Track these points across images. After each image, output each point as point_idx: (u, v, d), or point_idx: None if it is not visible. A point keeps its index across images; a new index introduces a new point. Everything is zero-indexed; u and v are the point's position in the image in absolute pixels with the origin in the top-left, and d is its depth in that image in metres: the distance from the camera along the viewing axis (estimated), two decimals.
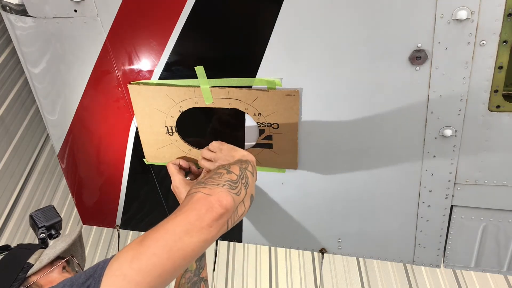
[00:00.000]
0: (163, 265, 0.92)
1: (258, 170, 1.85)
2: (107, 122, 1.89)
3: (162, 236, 0.96)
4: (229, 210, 1.07)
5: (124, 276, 0.89)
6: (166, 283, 0.95)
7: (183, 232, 0.97)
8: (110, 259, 0.94)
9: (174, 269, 0.94)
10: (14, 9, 1.64)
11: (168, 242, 0.95)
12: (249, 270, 4.09)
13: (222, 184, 1.14)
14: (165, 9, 1.51)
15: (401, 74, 1.47)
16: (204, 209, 1.03)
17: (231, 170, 1.25)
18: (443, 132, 1.55)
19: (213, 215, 1.02)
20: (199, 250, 1.00)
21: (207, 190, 1.09)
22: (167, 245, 0.94)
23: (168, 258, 0.93)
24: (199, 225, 0.99)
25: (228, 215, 1.08)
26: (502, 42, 1.35)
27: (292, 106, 1.62)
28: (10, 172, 2.61)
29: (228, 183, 1.16)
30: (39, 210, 1.37)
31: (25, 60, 1.78)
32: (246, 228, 2.08)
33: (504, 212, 1.70)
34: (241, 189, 1.19)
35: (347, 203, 1.86)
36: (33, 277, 1.19)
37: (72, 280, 0.92)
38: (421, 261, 1.92)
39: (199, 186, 1.13)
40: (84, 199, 2.25)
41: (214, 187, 1.11)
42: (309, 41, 1.49)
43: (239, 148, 1.49)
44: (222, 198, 1.07)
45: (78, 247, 1.41)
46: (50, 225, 1.36)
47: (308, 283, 3.99)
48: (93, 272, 0.91)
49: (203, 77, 1.62)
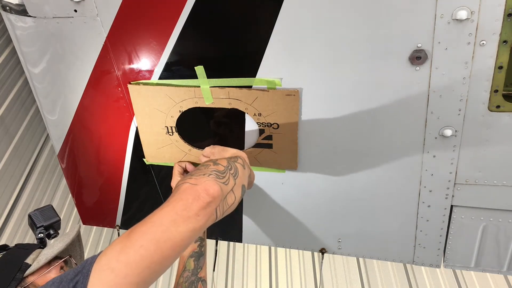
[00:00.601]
0: (151, 257, 0.91)
1: (258, 170, 1.85)
2: (107, 122, 1.89)
3: (149, 228, 0.95)
4: (216, 198, 1.07)
5: (112, 269, 0.88)
6: (157, 274, 0.94)
7: (170, 222, 0.96)
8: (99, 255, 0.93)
9: (163, 260, 0.94)
10: (14, 9, 1.64)
11: (156, 233, 0.94)
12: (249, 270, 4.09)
13: (208, 174, 1.14)
14: (165, 9, 1.51)
15: (401, 74, 1.47)
16: (191, 198, 1.02)
17: (218, 162, 1.24)
18: (443, 132, 1.55)
19: (200, 203, 1.02)
20: (188, 240, 0.99)
21: (193, 180, 1.09)
22: (155, 236, 0.93)
23: (156, 249, 0.92)
24: (186, 215, 0.99)
25: (215, 203, 1.07)
26: (502, 42, 1.35)
27: (292, 106, 1.62)
28: (10, 172, 2.61)
29: (214, 173, 1.15)
30: (37, 210, 1.37)
31: (25, 60, 1.78)
32: (246, 228, 2.08)
33: (504, 212, 1.70)
34: (229, 179, 1.19)
35: (347, 203, 1.86)
36: (31, 277, 1.19)
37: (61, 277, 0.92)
38: (421, 261, 1.92)
39: (186, 177, 1.12)
40: (84, 199, 2.25)
41: (200, 176, 1.11)
42: (309, 41, 1.48)
43: (230, 148, 1.49)
44: (209, 187, 1.06)
45: (77, 246, 1.40)
46: (48, 224, 1.35)
47: (308, 283, 3.99)
48: (82, 268, 0.91)
49: (203, 77, 1.62)
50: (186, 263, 1.58)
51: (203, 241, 1.67)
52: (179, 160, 1.88)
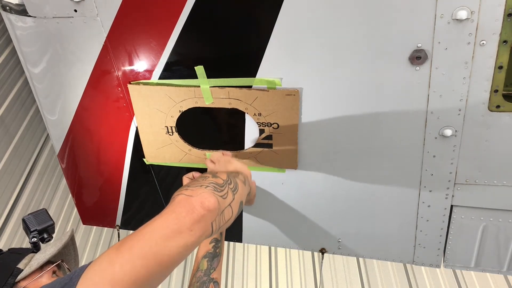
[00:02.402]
0: (137, 273, 0.87)
1: (258, 170, 1.85)
2: (107, 122, 1.89)
3: (137, 242, 0.91)
4: (212, 212, 1.00)
5: (95, 285, 0.85)
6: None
7: (160, 237, 0.91)
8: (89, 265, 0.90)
9: (150, 276, 0.89)
10: (14, 9, 1.64)
11: (143, 248, 0.89)
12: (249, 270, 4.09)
13: (205, 186, 1.08)
14: (165, 9, 1.51)
15: (401, 74, 1.47)
16: (184, 211, 0.96)
17: (218, 175, 1.19)
18: (443, 132, 1.55)
19: (194, 217, 0.96)
20: (178, 256, 0.94)
21: (189, 191, 1.03)
22: (142, 251, 0.89)
23: (142, 265, 0.88)
24: (177, 229, 0.93)
25: (211, 217, 1.00)
26: (502, 42, 1.35)
27: (292, 106, 1.62)
28: (10, 172, 2.61)
29: (212, 185, 1.10)
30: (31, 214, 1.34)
31: (25, 60, 1.78)
32: (246, 228, 2.08)
33: (504, 212, 1.70)
34: (228, 193, 1.14)
35: (347, 203, 1.86)
36: (23, 282, 1.17)
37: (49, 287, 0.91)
38: (421, 261, 1.92)
39: (182, 188, 1.07)
40: (84, 199, 2.25)
41: (197, 188, 1.05)
42: (309, 41, 1.48)
43: (236, 162, 1.45)
44: (204, 199, 1.00)
45: (71, 250, 1.38)
46: (42, 229, 1.33)
47: (308, 283, 3.99)
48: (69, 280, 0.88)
49: (203, 77, 1.62)
50: (200, 263, 1.56)
51: (219, 242, 1.63)
52: (179, 159, 1.88)
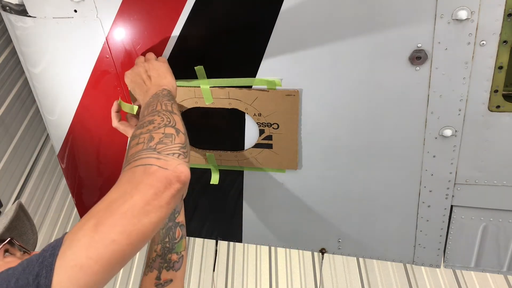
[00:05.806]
0: (123, 251, 0.86)
1: (258, 170, 1.85)
2: (107, 122, 1.89)
3: (120, 221, 0.88)
4: (186, 184, 1.00)
5: (80, 267, 0.82)
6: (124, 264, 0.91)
7: (141, 214, 0.90)
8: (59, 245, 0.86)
9: (133, 251, 0.90)
10: (14, 9, 1.63)
11: (127, 226, 0.88)
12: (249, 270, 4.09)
13: (177, 154, 1.05)
14: (165, 9, 1.51)
15: (401, 74, 1.47)
16: (162, 186, 0.95)
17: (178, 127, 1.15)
18: (443, 132, 1.55)
19: (172, 192, 0.96)
20: (157, 228, 0.95)
21: (162, 162, 1.00)
22: (126, 229, 0.88)
23: (128, 243, 0.87)
24: (157, 204, 0.93)
25: (185, 188, 1.02)
26: (502, 42, 1.35)
27: (292, 106, 1.62)
28: (10, 172, 2.61)
29: (182, 151, 1.07)
30: None
31: (25, 60, 1.78)
32: (246, 228, 2.08)
33: (504, 212, 1.70)
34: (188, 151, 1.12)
35: (347, 203, 1.86)
36: None
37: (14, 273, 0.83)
38: (421, 261, 1.92)
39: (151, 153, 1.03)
40: (84, 199, 2.25)
41: (170, 158, 1.02)
42: (309, 41, 1.49)
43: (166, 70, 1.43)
44: (181, 173, 0.99)
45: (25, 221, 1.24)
46: None
47: (308, 283, 3.99)
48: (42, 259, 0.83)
49: (203, 77, 1.62)
50: None
51: None
52: None
